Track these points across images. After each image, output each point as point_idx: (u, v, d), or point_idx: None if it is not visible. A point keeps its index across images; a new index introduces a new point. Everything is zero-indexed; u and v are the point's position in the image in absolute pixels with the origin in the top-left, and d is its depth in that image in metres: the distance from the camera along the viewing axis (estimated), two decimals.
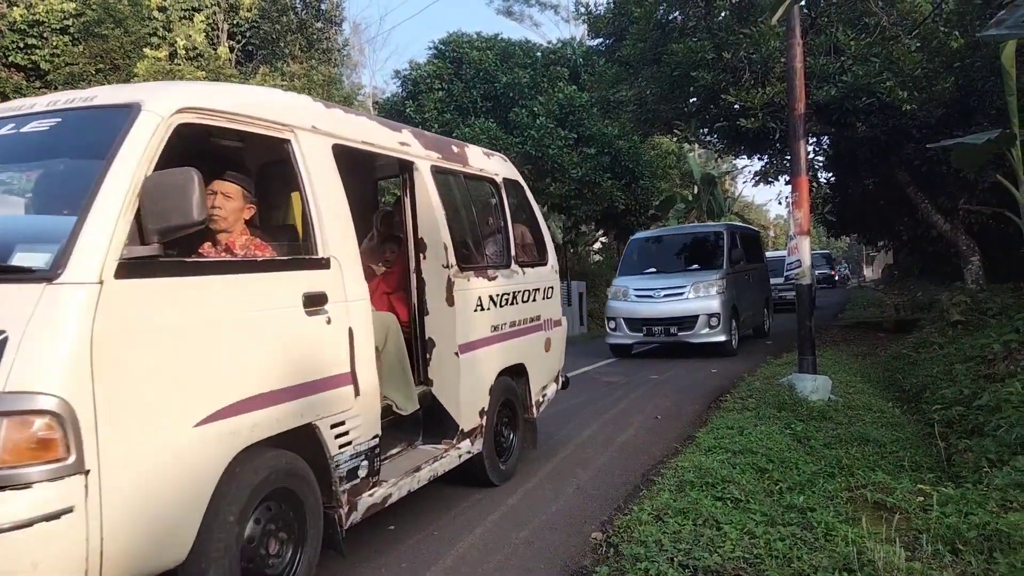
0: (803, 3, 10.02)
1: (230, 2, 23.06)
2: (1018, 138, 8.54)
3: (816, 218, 17.82)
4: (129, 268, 2.34)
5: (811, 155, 14.88)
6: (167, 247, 2.50)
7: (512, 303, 4.96)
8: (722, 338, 11.12)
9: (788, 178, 8.35)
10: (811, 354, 7.52)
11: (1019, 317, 7.67)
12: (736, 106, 11.24)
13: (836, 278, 40.05)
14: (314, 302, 3.09)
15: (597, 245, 27.84)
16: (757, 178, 14.90)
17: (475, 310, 4.47)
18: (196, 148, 2.85)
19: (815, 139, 14.58)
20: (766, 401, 6.71)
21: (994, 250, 13.37)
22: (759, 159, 15.09)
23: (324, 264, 3.23)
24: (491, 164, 5.26)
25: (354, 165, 4.16)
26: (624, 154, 20.90)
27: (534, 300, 5.33)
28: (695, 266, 12.03)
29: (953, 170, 10.72)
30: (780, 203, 67.88)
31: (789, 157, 8.07)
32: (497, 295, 4.77)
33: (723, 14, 11.88)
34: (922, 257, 21.01)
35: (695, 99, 12.65)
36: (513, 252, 5.11)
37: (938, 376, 7.31)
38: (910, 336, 10.92)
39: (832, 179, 16.75)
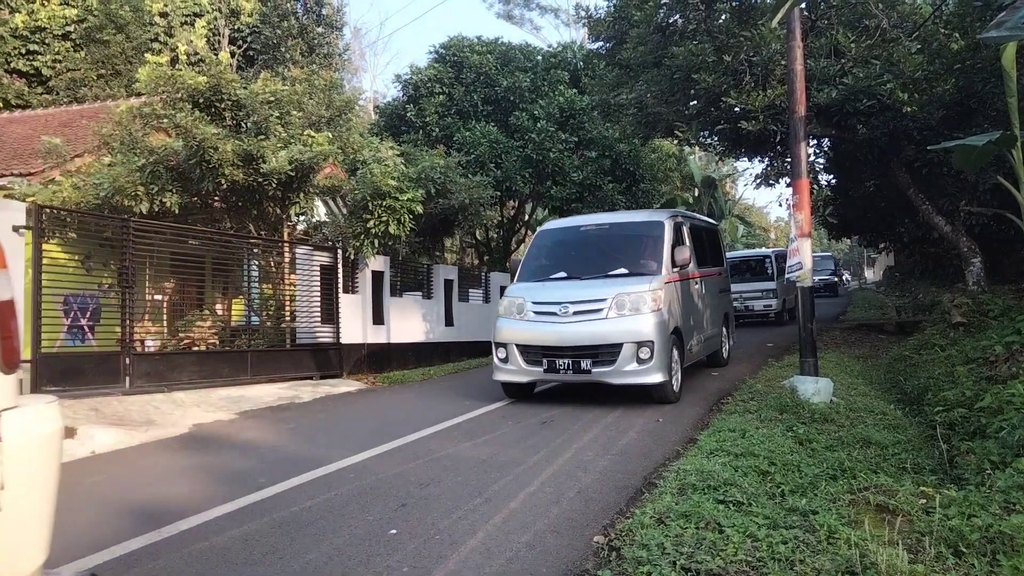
0: (803, 6, 10.04)
1: (231, 7, 23.12)
2: (1019, 139, 8.55)
3: (817, 220, 17.82)
4: None
5: (812, 157, 14.90)
6: None
7: None
8: (657, 378, 7.45)
9: (789, 180, 8.35)
10: (812, 356, 7.52)
11: (1021, 318, 7.66)
12: (737, 109, 11.26)
13: (840, 286, 36.77)
14: None
15: None
16: (758, 180, 14.94)
17: None
18: None
19: (816, 141, 14.60)
20: (768, 404, 6.70)
21: (995, 252, 13.37)
22: (760, 161, 15.12)
23: None
24: None
25: None
26: (625, 157, 20.92)
27: None
28: (622, 270, 8.29)
29: (954, 172, 10.73)
30: (781, 205, 67.96)
31: (790, 159, 8.07)
32: None
33: (723, 17, 11.90)
34: (923, 259, 21.01)
35: (696, 102, 12.67)
36: None
37: (940, 378, 7.31)
38: (912, 338, 10.91)
39: (833, 181, 16.77)
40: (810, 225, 7.91)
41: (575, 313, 7.70)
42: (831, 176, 16.70)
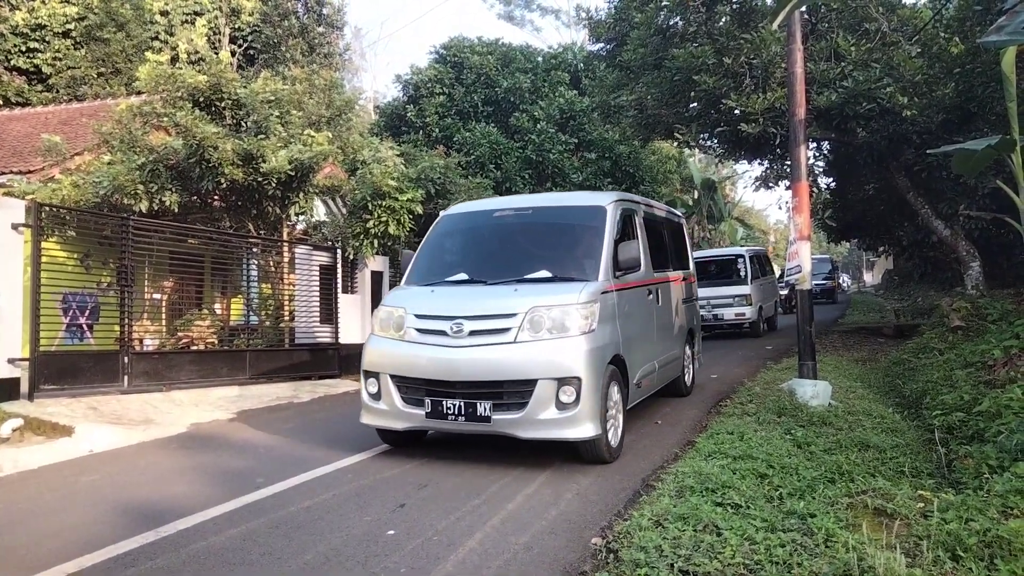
0: (804, 9, 10.04)
1: (232, 6, 23.12)
2: (1018, 144, 8.54)
3: (816, 223, 17.86)
4: None
5: (811, 160, 14.92)
6: None
7: None
8: (584, 431, 5.18)
9: (788, 183, 8.35)
10: (811, 359, 7.53)
11: (1019, 323, 7.67)
12: (737, 111, 11.27)
13: (838, 291, 34.16)
14: None
15: None
16: (757, 183, 14.97)
17: None
18: None
19: (815, 144, 14.63)
20: (766, 406, 6.71)
21: (994, 256, 13.39)
22: (759, 164, 15.16)
23: None
24: None
25: None
26: (625, 159, 20.95)
27: None
28: (543, 273, 5.92)
29: (953, 176, 10.75)
30: (780, 208, 68.05)
31: (789, 162, 8.08)
32: None
33: (724, 19, 11.91)
34: (922, 262, 21.04)
35: (696, 104, 12.69)
36: None
37: (938, 382, 7.31)
38: (910, 341, 10.91)
39: (832, 184, 16.80)
40: (809, 228, 7.92)
41: (472, 333, 5.34)
42: (831, 179, 16.74)
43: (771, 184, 14.63)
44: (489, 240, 6.68)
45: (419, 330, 5.62)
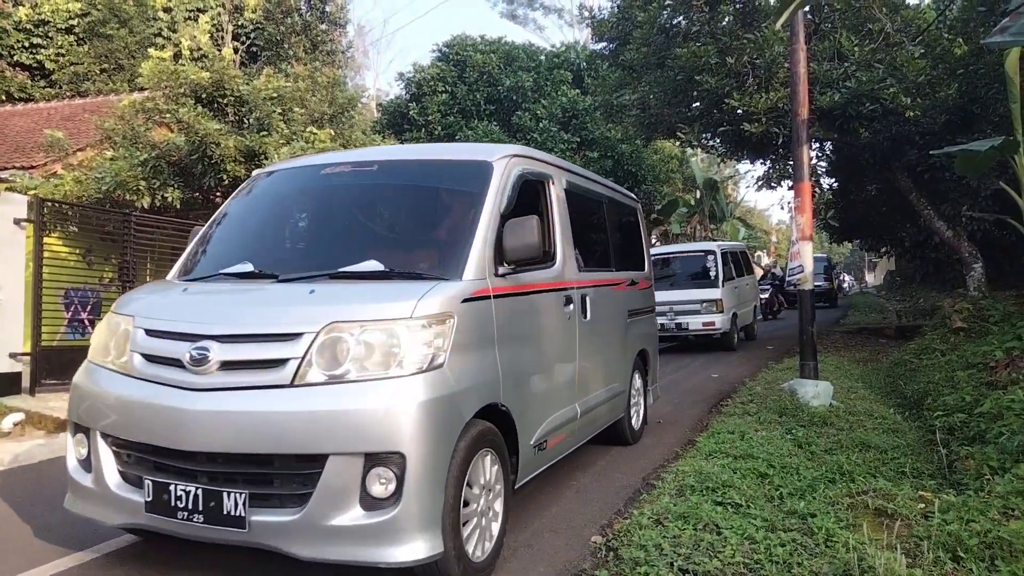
0: (807, 9, 10.04)
1: (235, 3, 23.12)
2: (1021, 145, 8.54)
3: (819, 224, 17.82)
4: None
5: (814, 160, 14.87)
6: None
7: None
8: (413, 551, 2.92)
9: (791, 183, 8.35)
10: (812, 359, 7.52)
11: (1021, 324, 7.67)
12: (739, 111, 11.26)
13: (837, 292, 30.97)
14: None
15: None
16: (760, 183, 14.93)
17: None
18: None
19: (818, 144, 14.60)
20: (767, 406, 6.71)
21: (997, 257, 13.37)
22: (762, 164, 15.13)
23: None
24: None
25: None
26: (627, 158, 20.94)
27: None
28: (371, 265, 3.54)
29: (956, 177, 10.72)
30: (783, 208, 68.03)
31: (792, 162, 8.07)
32: None
33: (727, 19, 11.90)
34: (924, 263, 21.04)
35: (698, 103, 12.68)
36: None
37: (940, 383, 7.30)
38: (912, 342, 10.90)
39: (835, 185, 16.78)
40: (811, 228, 7.91)
41: (225, 366, 3.13)
42: (833, 180, 16.72)
43: (773, 184, 14.59)
44: (309, 211, 4.49)
45: (146, 356, 3.32)
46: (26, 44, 19.87)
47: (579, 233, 4.97)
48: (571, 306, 4.65)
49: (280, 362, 3.03)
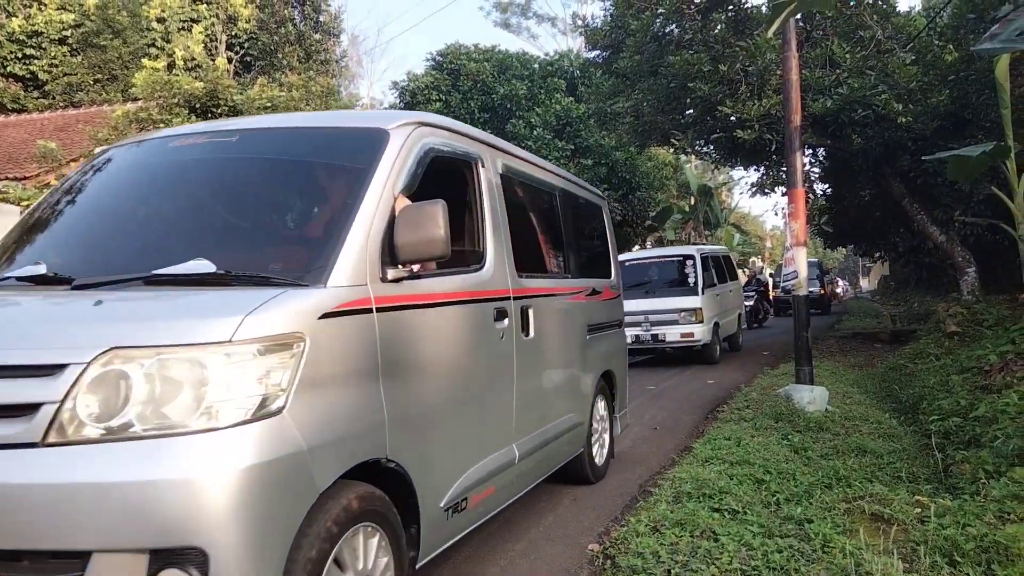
0: (799, 17, 10.11)
1: (229, 14, 23.16)
2: (1012, 150, 8.61)
3: (812, 229, 17.88)
4: None
5: (807, 167, 14.97)
6: None
7: None
8: None
9: (784, 189, 8.38)
10: (808, 365, 7.54)
11: (1015, 328, 7.69)
12: (732, 118, 11.30)
13: (831, 299, 29.46)
14: None
15: None
16: (754, 189, 14.99)
17: None
18: None
19: (811, 151, 14.68)
20: (763, 412, 6.70)
21: (990, 261, 13.42)
22: (756, 170, 15.19)
23: None
24: None
25: None
26: (621, 165, 21.01)
27: None
28: (199, 265, 2.46)
29: (948, 182, 10.78)
30: (777, 214, 68.31)
31: (785, 168, 8.10)
32: None
33: (719, 27, 11.97)
34: (918, 268, 21.11)
35: (692, 111, 12.72)
36: None
37: (935, 387, 7.32)
38: (906, 347, 10.93)
39: (828, 190, 16.85)
40: (805, 234, 7.94)
41: None
42: (826, 186, 16.79)
43: (767, 190, 14.65)
44: (142, 195, 3.33)
45: None
46: (19, 55, 19.85)
47: (521, 231, 4.03)
48: (505, 321, 3.56)
49: (29, 408, 1.95)
